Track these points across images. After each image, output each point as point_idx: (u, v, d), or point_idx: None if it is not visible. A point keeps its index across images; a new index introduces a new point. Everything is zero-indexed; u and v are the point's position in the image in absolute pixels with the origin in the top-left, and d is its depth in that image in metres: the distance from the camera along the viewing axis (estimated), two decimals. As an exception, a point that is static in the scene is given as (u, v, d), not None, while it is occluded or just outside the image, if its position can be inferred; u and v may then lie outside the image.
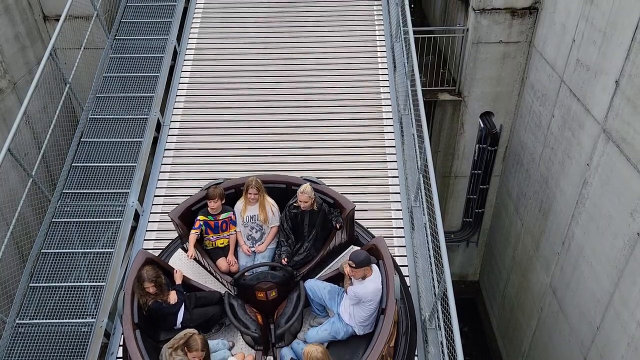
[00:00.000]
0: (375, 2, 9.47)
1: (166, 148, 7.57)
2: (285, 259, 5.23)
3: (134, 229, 6.63)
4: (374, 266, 4.75)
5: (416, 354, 5.18)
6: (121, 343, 5.22)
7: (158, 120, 7.73)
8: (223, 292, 5.12)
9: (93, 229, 6.36)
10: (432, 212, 5.43)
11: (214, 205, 5.29)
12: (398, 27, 8.29)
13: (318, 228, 5.31)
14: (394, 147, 7.50)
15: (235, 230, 5.46)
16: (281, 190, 5.56)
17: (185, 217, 5.35)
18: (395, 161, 7.31)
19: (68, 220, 6.43)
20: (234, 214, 5.46)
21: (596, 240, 7.04)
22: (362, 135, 7.58)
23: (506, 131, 10.29)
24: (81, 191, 6.73)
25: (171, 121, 7.90)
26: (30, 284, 5.86)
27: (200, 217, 5.32)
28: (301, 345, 4.68)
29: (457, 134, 10.57)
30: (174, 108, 8.06)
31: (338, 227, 5.33)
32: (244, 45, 8.81)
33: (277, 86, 8.22)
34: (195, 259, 5.31)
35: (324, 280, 5.18)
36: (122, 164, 6.99)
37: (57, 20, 7.31)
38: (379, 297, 4.65)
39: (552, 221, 8.43)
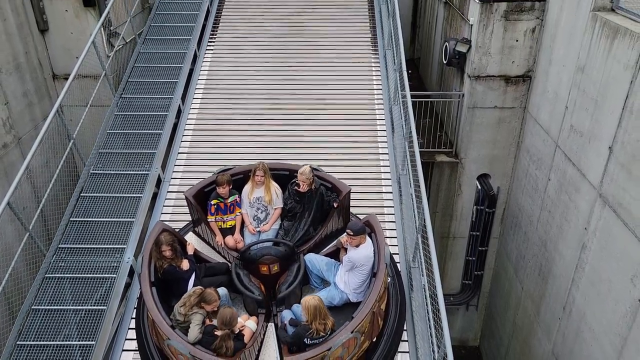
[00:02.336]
0: (374, 67, 9.81)
1: (165, 204, 7.58)
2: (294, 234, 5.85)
3: (128, 286, 6.52)
4: (367, 237, 5.34)
5: (405, 328, 5.63)
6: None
7: (159, 175, 7.79)
8: (230, 262, 5.66)
9: (86, 286, 6.23)
10: (431, 273, 5.37)
11: (222, 190, 5.99)
12: (396, 91, 8.54)
13: (315, 207, 5.91)
14: (392, 206, 7.52)
15: (240, 212, 6.11)
16: (284, 177, 6.22)
17: (199, 197, 6.09)
18: (394, 221, 7.31)
19: (61, 275, 6.32)
20: (239, 197, 6.14)
21: (597, 306, 6.93)
22: (361, 194, 7.61)
23: (503, 193, 10.37)
24: (77, 246, 6.66)
25: (171, 177, 7.96)
26: (18, 342, 5.68)
27: (213, 202, 6.04)
28: (300, 307, 4.99)
29: (454, 195, 10.64)
30: (175, 165, 8.15)
31: (335, 206, 5.92)
32: (246, 108, 9.01)
33: (276, 150, 8.32)
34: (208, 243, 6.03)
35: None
36: (120, 219, 6.97)
37: (66, 78, 7.54)
38: (371, 263, 5.20)
39: (552, 285, 8.33)
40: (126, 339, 5.93)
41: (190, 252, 5.69)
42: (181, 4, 10.86)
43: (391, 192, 7.71)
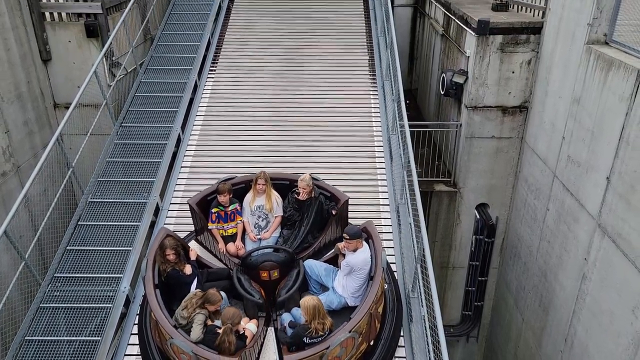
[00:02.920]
0: (373, 98, 9.92)
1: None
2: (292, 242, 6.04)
3: (123, 316, 6.42)
4: (364, 242, 5.52)
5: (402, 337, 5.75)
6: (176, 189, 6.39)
7: (157, 204, 7.77)
8: (232, 268, 5.85)
9: (81, 316, 6.14)
10: (431, 304, 5.30)
11: (223, 198, 6.23)
12: (394, 121, 8.62)
13: (315, 215, 6.13)
14: (391, 233, 7.50)
15: (241, 220, 6.34)
16: (285, 187, 6.44)
17: (202, 205, 6.33)
18: (392, 247, 7.27)
19: (56, 305, 6.24)
20: (240, 205, 6.36)
21: (599, 338, 6.83)
22: (360, 222, 7.60)
23: (502, 223, 10.35)
24: (73, 275, 6.59)
25: (170, 203, 7.94)
26: (9, 375, 5.57)
27: (214, 210, 6.27)
28: (299, 310, 5.10)
29: (453, 225, 10.61)
30: (174, 191, 8.15)
31: (334, 213, 6.17)
32: (245, 138, 9.06)
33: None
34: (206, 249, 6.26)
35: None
36: (117, 248, 6.92)
37: (67, 107, 7.60)
38: (368, 267, 5.37)
39: (553, 317, 8.23)
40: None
41: (192, 257, 5.89)
42: (183, 35, 11.05)
43: (390, 221, 7.69)
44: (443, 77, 10.18)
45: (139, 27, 10.46)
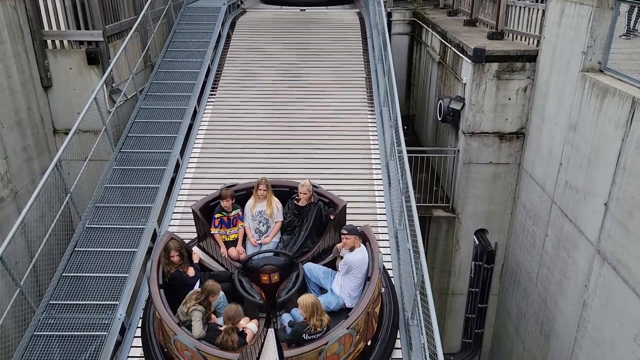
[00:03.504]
0: (371, 124, 9.99)
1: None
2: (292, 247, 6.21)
3: (118, 344, 6.32)
4: (362, 244, 5.69)
5: (398, 337, 5.88)
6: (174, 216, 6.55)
7: (154, 229, 7.74)
8: (233, 271, 6.02)
9: (75, 344, 6.03)
10: (431, 331, 5.23)
11: (225, 204, 6.40)
12: (392, 146, 8.66)
13: (314, 220, 6.32)
14: (390, 261, 7.44)
15: (242, 226, 6.50)
16: (285, 193, 6.64)
17: (205, 211, 6.52)
18: (391, 271, 7.21)
19: (50, 333, 6.13)
20: (241, 211, 6.51)
21: (602, 366, 6.74)
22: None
23: (501, 249, 10.31)
24: (68, 302, 6.50)
25: (167, 231, 7.90)
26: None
27: (217, 215, 6.44)
28: (298, 311, 5.21)
29: (452, 251, 10.57)
30: (172, 219, 8.12)
31: (332, 217, 6.36)
32: (244, 164, 9.08)
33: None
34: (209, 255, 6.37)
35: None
36: (113, 275, 6.84)
37: (67, 133, 7.62)
38: (365, 266, 5.54)
39: (555, 345, 8.12)
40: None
41: (195, 260, 6.06)
42: (183, 62, 11.18)
43: (388, 247, 7.65)
44: (440, 103, 10.28)
45: (139, 54, 10.58)
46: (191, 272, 5.82)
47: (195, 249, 6.52)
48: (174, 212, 8.20)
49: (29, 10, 9.04)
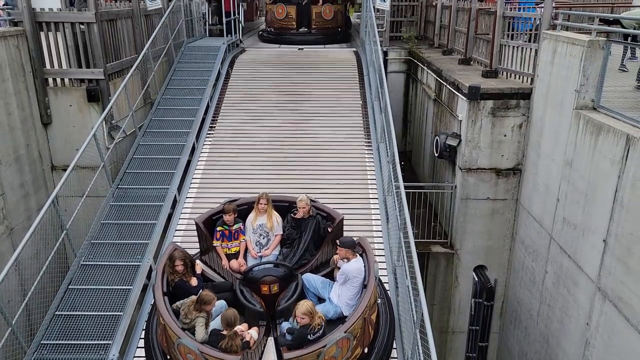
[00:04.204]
0: (368, 160, 10.04)
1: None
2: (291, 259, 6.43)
3: (111, 387, 6.15)
4: (358, 255, 5.93)
5: (394, 349, 6.03)
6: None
7: (150, 267, 7.65)
8: (234, 282, 6.25)
9: (65, 387, 5.89)
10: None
11: (227, 217, 6.64)
12: (390, 182, 8.68)
13: (312, 233, 6.57)
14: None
15: (244, 239, 6.72)
16: (284, 208, 6.89)
17: (208, 224, 6.73)
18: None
19: (40, 376, 5.98)
20: (243, 225, 6.74)
21: (607, 408, 6.56)
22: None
23: (501, 286, 10.20)
24: (60, 342, 6.36)
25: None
26: None
27: (218, 228, 6.66)
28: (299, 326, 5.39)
29: (452, 287, 10.45)
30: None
31: (330, 230, 6.60)
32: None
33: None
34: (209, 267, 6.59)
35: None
36: (107, 313, 6.72)
37: (65, 170, 7.64)
38: (362, 276, 5.76)
39: (558, 385, 7.94)
40: None
41: (198, 271, 6.25)
42: (182, 99, 11.31)
43: (387, 283, 7.56)
44: (437, 139, 10.38)
45: (139, 91, 10.73)
46: (194, 281, 6.04)
47: (197, 261, 6.65)
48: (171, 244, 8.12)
49: (32, 50, 9.22)
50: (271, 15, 18.14)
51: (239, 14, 15.74)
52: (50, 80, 9.59)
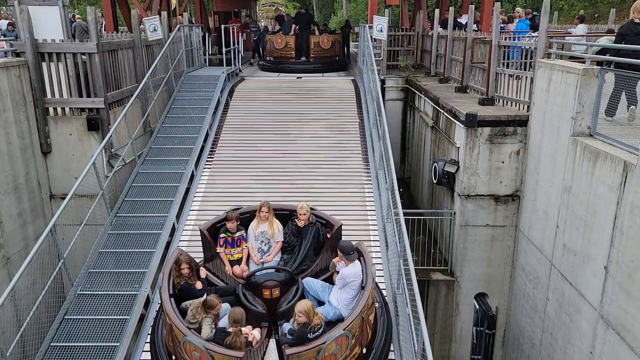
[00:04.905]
0: (367, 187, 10.06)
1: (152, 324, 7.27)
2: (292, 265, 6.70)
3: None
4: (356, 260, 6.13)
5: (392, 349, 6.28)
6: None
7: (148, 296, 7.56)
8: (237, 286, 6.45)
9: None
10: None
11: (230, 225, 6.90)
12: (389, 209, 8.67)
13: (312, 239, 6.83)
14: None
15: (246, 246, 6.96)
16: (285, 216, 7.16)
17: (211, 231, 6.99)
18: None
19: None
20: (245, 232, 7.00)
21: None
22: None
23: (502, 314, 10.08)
24: (54, 375, 6.25)
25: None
26: None
27: (222, 235, 6.91)
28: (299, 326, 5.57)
29: (453, 315, 10.32)
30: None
31: (328, 236, 6.88)
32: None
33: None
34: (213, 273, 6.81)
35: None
36: (103, 344, 6.62)
37: (63, 198, 7.64)
38: (360, 279, 5.97)
39: (563, 416, 7.76)
40: None
41: (203, 275, 6.50)
42: (182, 127, 11.40)
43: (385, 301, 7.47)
44: (435, 166, 10.42)
45: (139, 120, 10.81)
46: (199, 285, 6.28)
47: (201, 270, 6.92)
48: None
49: (33, 79, 9.32)
50: (270, 44, 18.44)
51: (238, 44, 16.01)
52: (51, 109, 9.67)
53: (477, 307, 10.05)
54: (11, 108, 8.74)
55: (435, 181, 10.48)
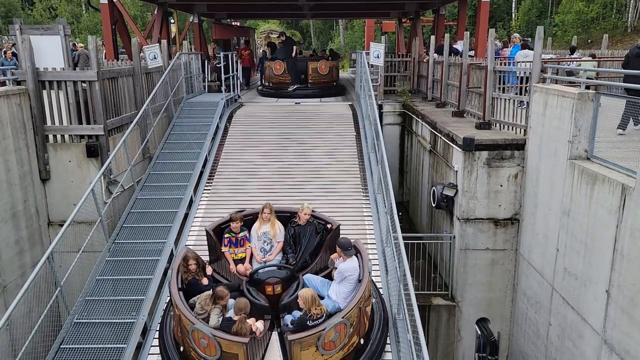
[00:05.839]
0: (366, 211, 10.05)
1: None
2: (293, 262, 7.17)
3: None
4: (353, 256, 6.52)
5: (389, 345, 6.60)
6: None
7: (145, 323, 7.46)
8: (241, 283, 6.83)
9: None
10: None
11: (235, 225, 7.30)
12: (388, 233, 8.64)
13: (311, 237, 7.28)
14: (390, 351, 7.13)
15: (249, 246, 7.38)
16: (286, 218, 7.58)
17: (217, 232, 7.44)
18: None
19: None
20: (248, 232, 7.42)
21: None
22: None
23: (505, 339, 9.95)
24: (49, 407, 6.12)
25: (159, 323, 7.62)
26: None
27: (226, 235, 7.34)
28: (298, 313, 5.98)
29: (454, 342, 10.19)
30: (163, 310, 7.85)
31: (329, 227, 7.34)
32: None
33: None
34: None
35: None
36: (99, 374, 6.51)
37: (61, 225, 7.60)
38: (357, 273, 6.34)
39: None
40: None
41: (209, 272, 6.93)
42: (181, 153, 11.43)
43: (387, 337, 7.36)
44: (434, 190, 10.43)
45: (138, 146, 10.85)
46: (205, 281, 6.70)
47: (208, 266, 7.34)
48: (166, 303, 7.96)
49: (34, 108, 9.39)
50: (269, 71, 18.66)
51: (237, 70, 16.20)
52: (51, 136, 9.71)
53: (479, 332, 9.93)
54: (11, 136, 8.78)
55: (434, 205, 10.48)
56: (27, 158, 9.21)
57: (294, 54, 18.07)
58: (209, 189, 10.75)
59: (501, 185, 9.47)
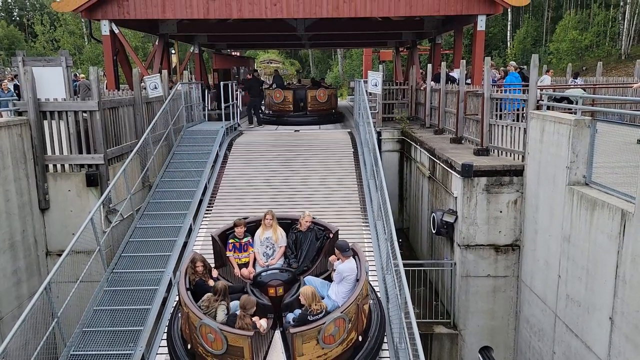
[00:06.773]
0: (366, 238, 10.00)
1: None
2: (294, 266, 7.49)
3: None
4: (351, 257, 6.81)
5: (385, 344, 6.93)
6: (164, 337, 7.24)
7: (143, 355, 7.34)
8: (245, 284, 7.18)
9: None
10: None
11: (238, 230, 7.67)
12: (388, 260, 8.58)
13: (312, 243, 7.62)
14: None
15: (253, 251, 7.71)
16: (287, 224, 7.97)
17: (222, 238, 7.78)
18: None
19: None
20: (252, 238, 7.77)
21: None
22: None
23: (509, 368, 9.78)
24: None
25: (157, 354, 7.50)
26: None
27: (230, 240, 7.71)
28: (299, 311, 6.27)
29: (457, 371, 10.00)
30: (162, 339, 7.74)
31: (331, 236, 7.62)
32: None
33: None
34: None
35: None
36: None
37: (59, 255, 7.55)
38: (355, 273, 6.63)
39: None
40: None
41: (214, 275, 7.26)
42: (181, 181, 11.44)
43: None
44: (433, 216, 10.41)
45: (138, 175, 10.87)
46: (211, 283, 6.94)
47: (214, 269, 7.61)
48: (164, 334, 7.84)
49: (34, 138, 9.45)
50: (269, 99, 18.87)
51: (236, 99, 16.37)
52: (51, 166, 9.74)
53: (482, 361, 9.76)
54: (11, 166, 8.81)
55: (434, 231, 10.45)
56: (26, 188, 9.22)
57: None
58: (208, 217, 10.72)
59: (501, 211, 9.46)
